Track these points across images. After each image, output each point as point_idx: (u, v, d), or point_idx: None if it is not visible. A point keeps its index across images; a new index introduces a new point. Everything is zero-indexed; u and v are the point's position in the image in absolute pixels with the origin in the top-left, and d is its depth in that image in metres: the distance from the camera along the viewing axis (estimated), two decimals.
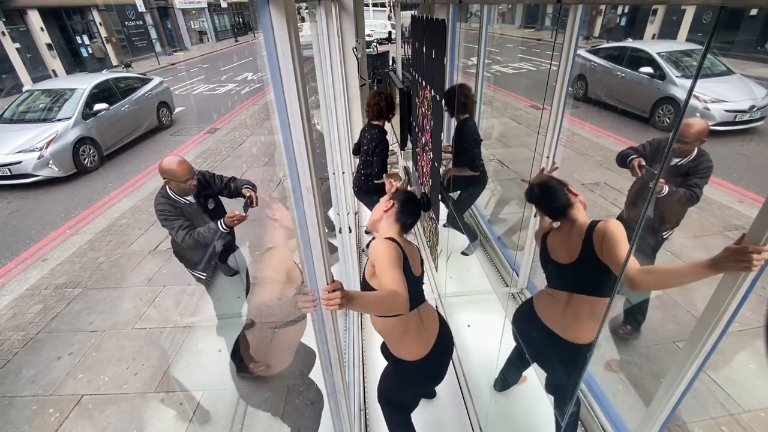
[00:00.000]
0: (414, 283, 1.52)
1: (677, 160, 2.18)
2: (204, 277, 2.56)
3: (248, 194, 2.30)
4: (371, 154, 2.93)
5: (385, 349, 1.69)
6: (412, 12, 3.14)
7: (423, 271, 1.66)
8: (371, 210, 1.74)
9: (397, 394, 1.78)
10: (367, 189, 3.03)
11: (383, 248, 1.39)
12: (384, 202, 1.60)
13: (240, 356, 2.51)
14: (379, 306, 1.25)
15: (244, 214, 2.18)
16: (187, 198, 2.24)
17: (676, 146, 2.14)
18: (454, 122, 3.21)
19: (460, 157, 2.96)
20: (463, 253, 3.48)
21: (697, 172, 2.09)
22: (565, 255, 1.57)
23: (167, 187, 2.20)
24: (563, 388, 1.80)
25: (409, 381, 1.67)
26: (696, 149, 2.13)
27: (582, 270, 1.52)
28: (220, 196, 2.45)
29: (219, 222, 2.17)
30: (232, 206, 2.36)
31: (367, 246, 3.65)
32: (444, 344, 1.64)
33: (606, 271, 1.42)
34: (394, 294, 1.23)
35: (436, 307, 2.28)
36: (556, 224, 1.69)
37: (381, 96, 2.93)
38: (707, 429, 2.13)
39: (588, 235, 1.46)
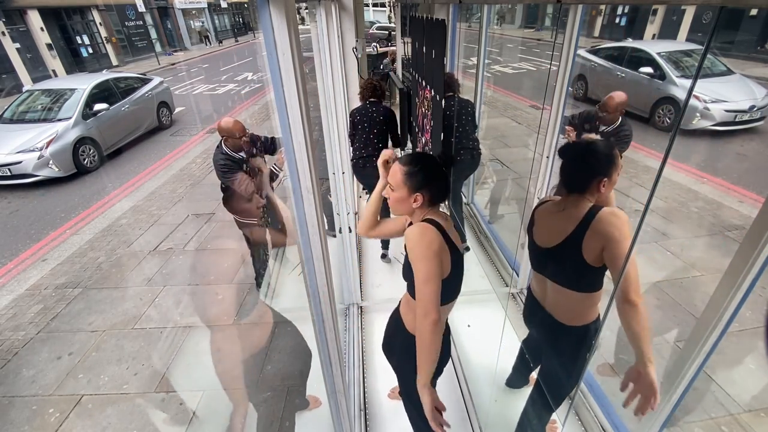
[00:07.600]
0: (461, 259, 1.32)
1: (603, 127, 2.53)
2: (255, 223, 2.96)
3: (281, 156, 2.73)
4: (383, 128, 2.84)
5: (395, 336, 1.53)
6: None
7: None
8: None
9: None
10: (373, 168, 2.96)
11: (417, 236, 1.19)
12: (399, 192, 1.25)
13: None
14: (432, 346, 1.16)
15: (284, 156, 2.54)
16: (240, 154, 2.58)
17: (602, 115, 2.51)
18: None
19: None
20: None
21: (619, 139, 2.48)
22: (546, 237, 1.40)
23: (224, 144, 2.53)
24: (559, 382, 1.68)
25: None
26: (620, 119, 2.48)
27: (559, 258, 1.36)
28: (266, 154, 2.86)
29: (272, 166, 2.71)
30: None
31: (385, 253, 3.36)
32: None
33: (584, 266, 1.26)
34: (425, 314, 1.13)
35: None
36: (554, 196, 1.46)
37: (374, 80, 2.91)
38: (707, 429, 2.12)
39: (586, 220, 1.26)
